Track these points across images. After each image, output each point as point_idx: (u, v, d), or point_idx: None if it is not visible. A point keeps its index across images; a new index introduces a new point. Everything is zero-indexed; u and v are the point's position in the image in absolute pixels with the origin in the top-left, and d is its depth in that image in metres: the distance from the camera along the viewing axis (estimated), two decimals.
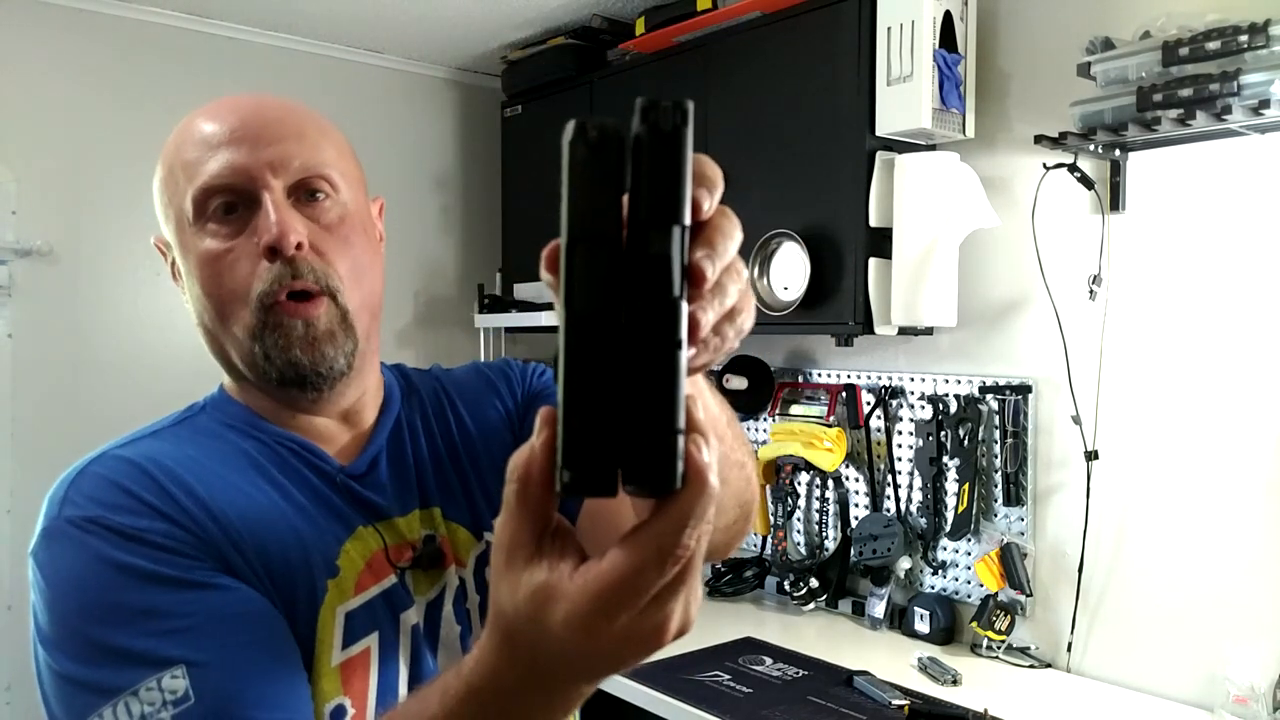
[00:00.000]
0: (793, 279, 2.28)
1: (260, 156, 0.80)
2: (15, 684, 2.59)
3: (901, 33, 2.05)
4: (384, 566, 0.83)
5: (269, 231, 0.78)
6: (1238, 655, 1.77)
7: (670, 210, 0.41)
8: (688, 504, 0.40)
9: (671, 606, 0.42)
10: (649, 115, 0.42)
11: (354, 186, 0.87)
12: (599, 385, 0.39)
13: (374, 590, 0.82)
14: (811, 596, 2.44)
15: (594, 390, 0.39)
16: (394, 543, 0.85)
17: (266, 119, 0.82)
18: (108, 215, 2.76)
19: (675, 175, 0.42)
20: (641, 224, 0.40)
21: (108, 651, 0.68)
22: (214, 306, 0.81)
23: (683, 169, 0.42)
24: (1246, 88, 1.62)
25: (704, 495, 0.40)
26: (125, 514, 0.72)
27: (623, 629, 0.42)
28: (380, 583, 0.82)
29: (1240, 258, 1.83)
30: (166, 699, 0.66)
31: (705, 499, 0.40)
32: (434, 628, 0.86)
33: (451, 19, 2.87)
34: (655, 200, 0.41)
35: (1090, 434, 2.01)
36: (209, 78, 2.88)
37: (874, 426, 2.45)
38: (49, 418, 2.67)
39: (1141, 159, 1.95)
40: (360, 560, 0.82)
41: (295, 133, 0.83)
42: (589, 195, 0.40)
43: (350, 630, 0.79)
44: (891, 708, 1.83)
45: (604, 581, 0.41)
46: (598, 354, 0.39)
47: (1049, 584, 2.11)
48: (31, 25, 2.65)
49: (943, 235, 2.09)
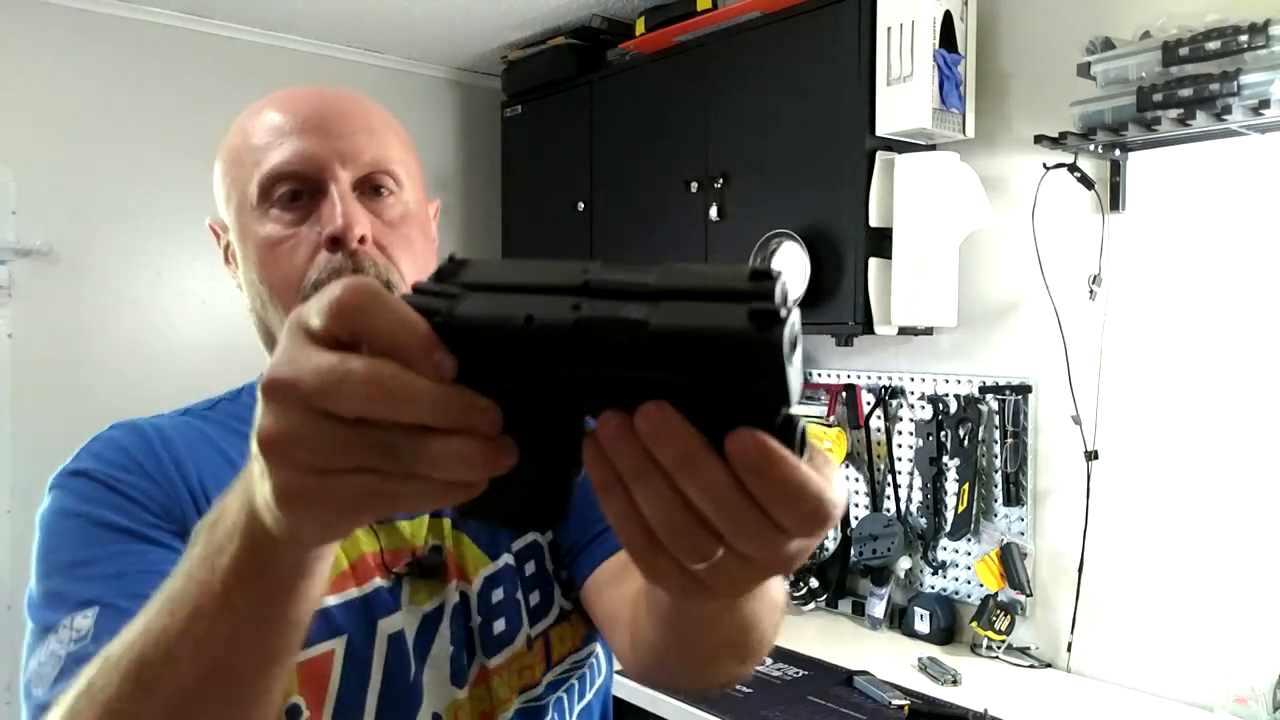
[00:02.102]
0: (792, 279, 2.28)
1: (330, 146, 0.79)
2: (15, 684, 2.59)
3: (901, 33, 2.05)
4: (371, 570, 0.80)
5: (334, 222, 0.77)
6: (1238, 655, 1.77)
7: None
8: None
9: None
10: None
11: (416, 185, 0.87)
12: None
13: (352, 593, 0.79)
14: (811, 596, 2.44)
15: None
16: (391, 547, 0.82)
17: (338, 110, 0.82)
18: (108, 215, 2.76)
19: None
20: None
21: (46, 594, 0.71)
22: (266, 292, 0.81)
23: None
24: (1246, 88, 1.62)
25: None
26: (112, 466, 0.76)
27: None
28: (362, 586, 0.80)
29: (1240, 258, 1.83)
30: (72, 636, 0.66)
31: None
32: (426, 641, 0.81)
33: (451, 19, 2.87)
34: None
35: (1090, 434, 2.01)
36: (209, 78, 2.88)
37: (874, 426, 2.45)
38: (49, 418, 2.66)
39: (1141, 159, 1.95)
40: (344, 560, 0.80)
41: (365, 126, 0.82)
42: None
43: (313, 630, 0.75)
44: (891, 708, 1.83)
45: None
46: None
47: (1049, 584, 2.11)
48: (31, 25, 2.65)
49: (943, 235, 2.09)
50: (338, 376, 0.36)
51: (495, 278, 0.37)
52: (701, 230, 2.49)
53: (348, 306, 0.36)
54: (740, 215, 2.41)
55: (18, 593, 2.68)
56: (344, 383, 0.36)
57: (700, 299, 0.34)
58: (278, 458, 0.38)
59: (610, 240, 2.78)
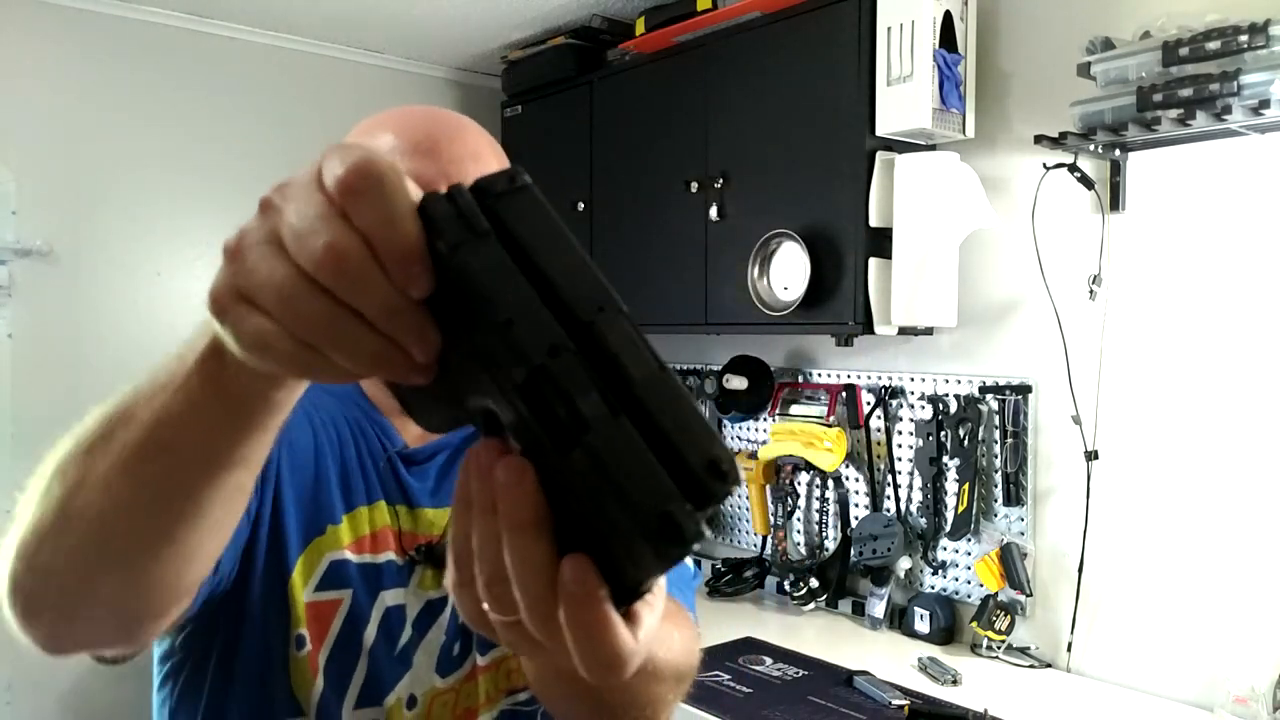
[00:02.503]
0: (793, 279, 2.28)
1: (440, 169, 0.81)
2: (15, 684, 2.59)
3: (901, 33, 2.05)
4: (387, 544, 0.87)
5: None
6: (1238, 655, 1.77)
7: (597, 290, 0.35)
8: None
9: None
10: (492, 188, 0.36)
11: None
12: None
13: (366, 558, 0.86)
14: (811, 596, 2.44)
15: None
16: (410, 530, 0.88)
17: (449, 135, 0.84)
18: (108, 215, 2.77)
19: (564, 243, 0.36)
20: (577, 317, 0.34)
21: None
22: None
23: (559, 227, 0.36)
24: (1246, 88, 1.62)
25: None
26: None
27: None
28: (375, 555, 0.86)
29: (1240, 258, 1.83)
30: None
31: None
32: (424, 625, 0.87)
33: (451, 19, 2.87)
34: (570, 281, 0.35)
35: (1090, 434, 2.01)
36: (209, 78, 2.88)
37: (874, 426, 2.45)
38: (49, 418, 2.66)
39: (1141, 159, 1.95)
40: (365, 527, 0.86)
41: (473, 152, 0.84)
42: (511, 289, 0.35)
43: (327, 576, 0.84)
44: (891, 708, 1.83)
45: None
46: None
47: (1049, 584, 2.11)
48: (31, 25, 2.65)
49: (943, 235, 2.09)
50: (309, 227, 0.36)
51: (528, 239, 0.35)
52: (702, 230, 2.49)
53: (345, 184, 0.36)
54: (740, 215, 2.41)
55: None
56: (311, 235, 0.36)
57: (653, 445, 0.32)
58: (229, 261, 0.39)
59: (610, 240, 2.78)
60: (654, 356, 0.34)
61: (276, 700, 0.83)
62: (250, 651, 0.82)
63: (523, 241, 0.35)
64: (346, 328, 0.36)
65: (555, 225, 0.36)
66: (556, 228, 0.36)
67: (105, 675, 2.77)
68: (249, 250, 0.38)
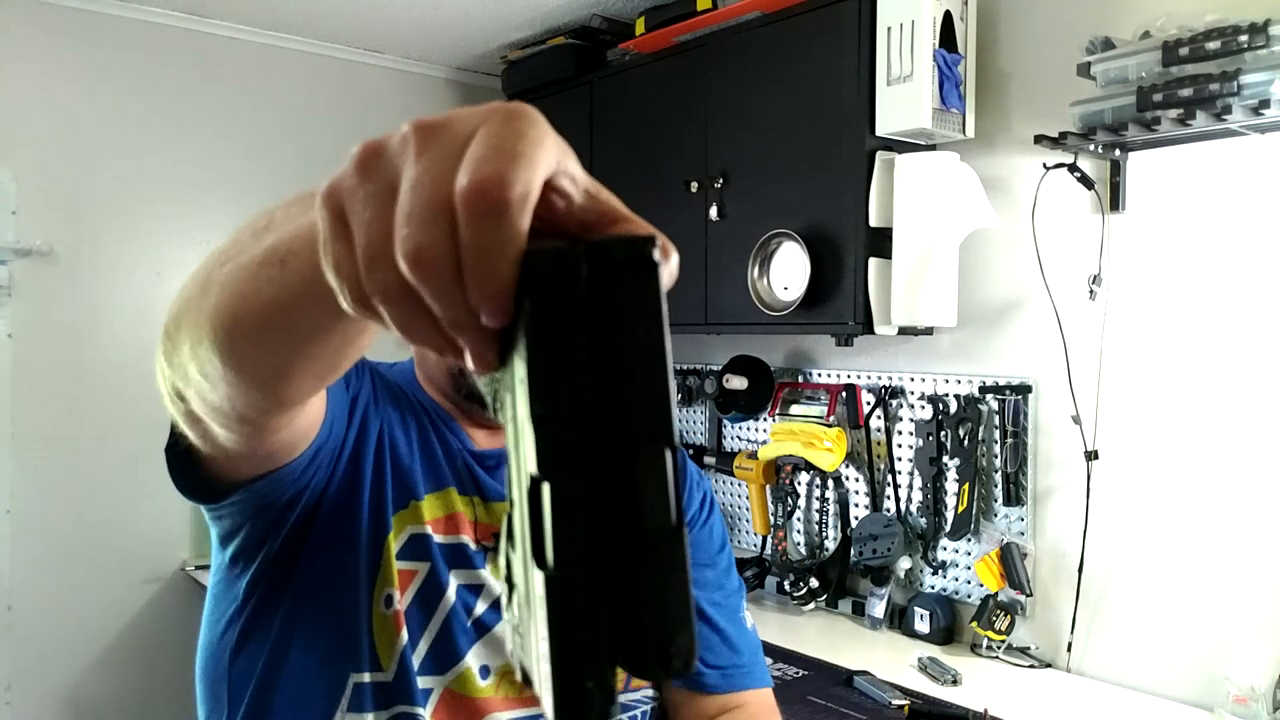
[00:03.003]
0: (793, 279, 2.28)
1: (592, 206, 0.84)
2: (15, 684, 2.59)
3: (901, 33, 2.05)
4: (459, 528, 0.93)
5: None
6: (1238, 655, 1.77)
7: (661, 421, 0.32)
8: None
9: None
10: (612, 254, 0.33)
11: None
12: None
13: (444, 537, 0.92)
14: (811, 596, 2.44)
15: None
16: (484, 520, 0.95)
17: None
18: (108, 215, 2.77)
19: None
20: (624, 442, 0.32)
21: None
22: None
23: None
24: (1246, 88, 1.62)
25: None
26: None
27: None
28: (448, 536, 0.92)
29: (1240, 258, 1.83)
30: None
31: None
32: (500, 606, 0.91)
33: (451, 19, 2.87)
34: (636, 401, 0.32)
35: (1090, 434, 2.01)
36: (209, 78, 2.88)
37: (874, 426, 2.45)
38: (49, 418, 2.67)
39: (1141, 159, 1.95)
40: (440, 510, 0.93)
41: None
42: (555, 383, 0.32)
43: (407, 548, 0.90)
44: (891, 708, 1.83)
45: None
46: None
47: (1049, 584, 2.11)
48: (31, 25, 2.65)
49: (943, 235, 2.09)
50: (416, 210, 0.33)
51: (619, 334, 0.32)
52: (702, 230, 2.49)
53: (468, 195, 0.33)
54: (740, 215, 2.41)
55: (17, 593, 2.69)
56: (413, 220, 0.33)
57: (621, 602, 0.31)
58: (358, 169, 0.36)
59: None
60: (677, 510, 0.32)
61: (356, 653, 0.86)
62: (337, 602, 0.87)
63: (612, 333, 0.32)
64: (411, 310, 0.35)
65: (656, 326, 0.32)
66: (656, 330, 0.32)
67: (105, 675, 2.77)
68: (374, 174, 0.35)
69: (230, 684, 0.88)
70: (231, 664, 0.88)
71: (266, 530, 0.84)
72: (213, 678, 0.90)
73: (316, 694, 0.86)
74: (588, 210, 0.37)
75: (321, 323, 0.51)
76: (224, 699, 0.88)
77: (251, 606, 0.87)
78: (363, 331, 0.53)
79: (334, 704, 0.85)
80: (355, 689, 0.86)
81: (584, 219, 0.37)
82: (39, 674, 2.65)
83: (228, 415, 0.61)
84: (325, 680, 0.86)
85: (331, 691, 0.86)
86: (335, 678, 0.86)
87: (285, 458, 0.76)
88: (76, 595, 2.73)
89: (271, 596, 0.86)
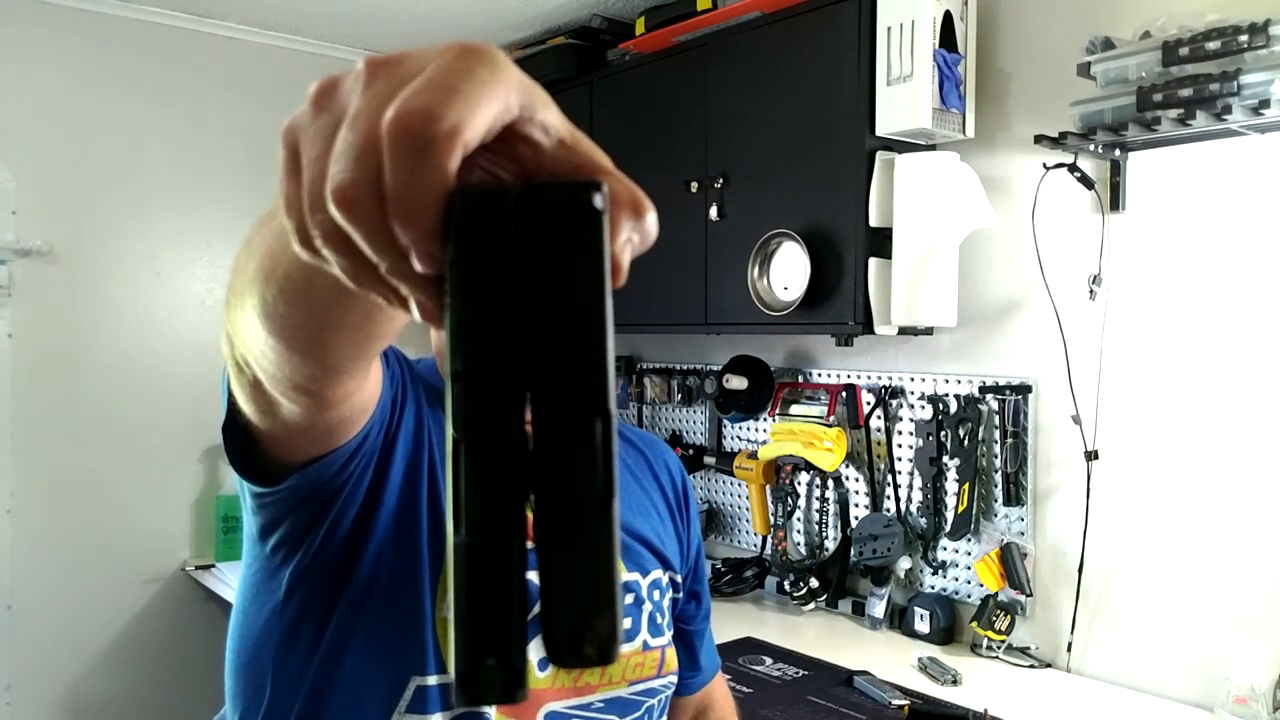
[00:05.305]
0: (793, 279, 2.28)
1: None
2: (15, 684, 2.59)
3: (901, 33, 2.05)
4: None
5: None
6: (1238, 655, 1.77)
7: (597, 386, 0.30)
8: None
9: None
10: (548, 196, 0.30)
11: None
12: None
13: None
14: (811, 596, 2.44)
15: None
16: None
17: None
18: (108, 215, 2.77)
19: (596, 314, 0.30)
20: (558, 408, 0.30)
21: None
22: None
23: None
24: (1246, 88, 1.62)
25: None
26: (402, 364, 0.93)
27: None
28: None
29: (1240, 258, 1.83)
30: None
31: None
32: None
33: (451, 19, 2.88)
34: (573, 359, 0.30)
35: (1090, 434, 2.01)
36: (209, 78, 2.88)
37: (874, 426, 2.45)
38: (49, 418, 2.67)
39: (1141, 159, 1.95)
40: None
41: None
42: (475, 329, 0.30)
43: None
44: (891, 708, 1.83)
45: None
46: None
47: (1049, 584, 2.11)
48: (31, 25, 2.65)
49: (943, 235, 2.09)
50: (348, 148, 0.31)
51: (557, 289, 0.30)
52: (701, 230, 2.49)
53: (393, 128, 0.30)
54: (740, 215, 2.41)
55: (17, 593, 2.69)
56: (344, 156, 0.31)
57: (542, 579, 0.30)
58: (312, 104, 0.35)
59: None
60: (607, 481, 0.29)
61: (420, 657, 0.86)
62: (399, 609, 0.86)
63: (545, 285, 0.30)
64: (351, 255, 0.33)
65: (596, 279, 0.30)
66: (595, 283, 0.30)
67: (105, 675, 2.77)
68: (323, 110, 0.34)
69: (274, 677, 0.86)
70: (277, 657, 0.86)
71: (310, 521, 0.81)
72: (253, 669, 0.88)
73: (375, 695, 0.85)
74: (559, 161, 0.33)
75: (337, 282, 0.49)
76: (266, 691, 0.86)
77: (297, 600, 0.85)
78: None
79: (392, 705, 0.85)
80: (417, 691, 0.85)
81: (556, 170, 0.33)
82: (39, 674, 2.65)
83: (284, 383, 0.60)
84: (385, 682, 0.85)
85: (391, 693, 0.85)
86: (396, 680, 0.85)
87: (342, 436, 0.75)
88: (76, 595, 2.73)
89: (319, 595, 0.85)
